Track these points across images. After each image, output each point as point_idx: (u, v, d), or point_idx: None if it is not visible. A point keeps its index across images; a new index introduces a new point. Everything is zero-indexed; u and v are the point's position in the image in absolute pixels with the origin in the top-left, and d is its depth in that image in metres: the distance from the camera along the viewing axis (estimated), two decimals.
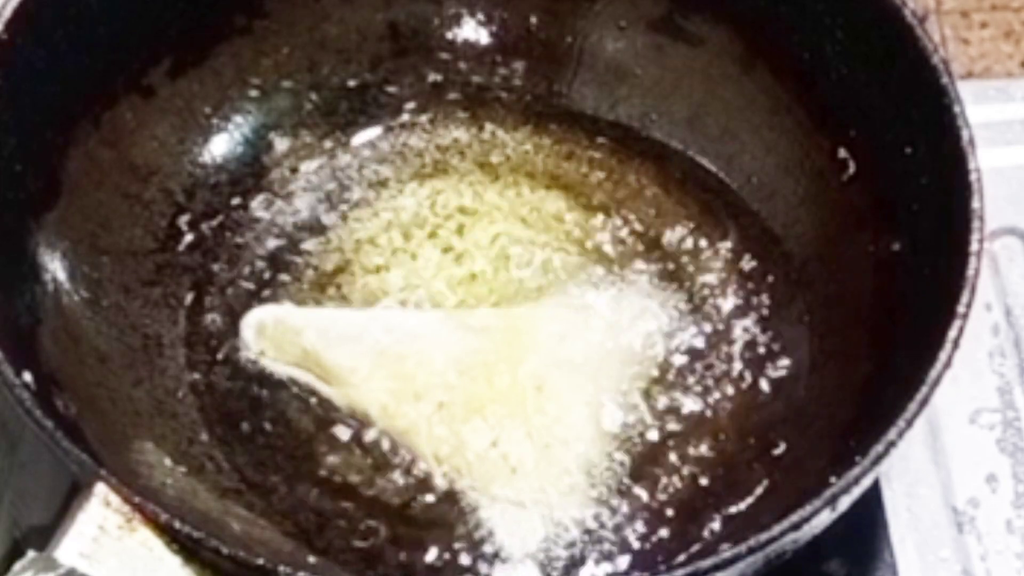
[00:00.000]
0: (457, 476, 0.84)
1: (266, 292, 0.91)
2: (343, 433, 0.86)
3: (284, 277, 0.91)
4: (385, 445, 0.85)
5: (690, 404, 0.87)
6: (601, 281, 0.91)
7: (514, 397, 0.86)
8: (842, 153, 0.91)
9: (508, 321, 0.88)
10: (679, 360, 0.89)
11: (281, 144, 0.96)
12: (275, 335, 0.88)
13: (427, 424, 0.85)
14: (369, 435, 0.86)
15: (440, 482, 0.84)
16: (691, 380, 0.88)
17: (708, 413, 0.87)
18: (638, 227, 0.93)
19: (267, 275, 0.91)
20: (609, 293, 0.91)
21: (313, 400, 0.87)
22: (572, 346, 0.88)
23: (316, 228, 0.93)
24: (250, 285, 0.91)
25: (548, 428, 0.85)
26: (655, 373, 0.88)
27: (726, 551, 0.73)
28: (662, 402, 0.88)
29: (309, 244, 0.93)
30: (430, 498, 0.84)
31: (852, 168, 0.90)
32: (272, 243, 0.93)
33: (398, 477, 0.84)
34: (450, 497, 0.84)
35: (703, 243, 0.93)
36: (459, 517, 0.83)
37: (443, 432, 0.85)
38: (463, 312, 0.89)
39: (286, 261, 0.92)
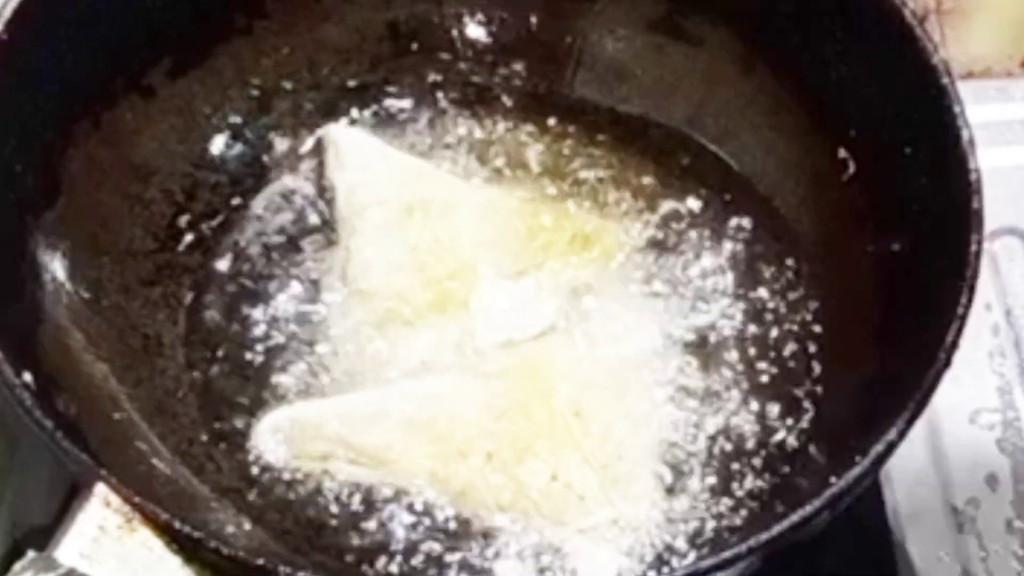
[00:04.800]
0: (526, 519, 0.83)
1: (265, 290, 0.91)
2: (404, 514, 0.83)
3: (283, 276, 0.91)
4: (449, 512, 0.83)
5: (705, 414, 0.87)
6: (601, 283, 0.91)
7: (557, 428, 0.84)
8: (842, 153, 0.91)
9: (521, 358, 0.87)
10: (685, 360, 0.89)
11: (281, 144, 0.96)
12: (293, 435, 0.85)
13: (481, 476, 0.83)
14: (431, 507, 0.83)
15: (510, 529, 0.83)
16: (698, 379, 0.88)
17: (719, 420, 0.87)
18: (637, 226, 0.93)
19: (267, 274, 0.91)
20: (608, 299, 0.91)
21: (355, 490, 0.84)
22: (590, 366, 0.87)
23: (316, 227, 0.93)
24: (250, 285, 0.91)
25: (600, 449, 0.84)
26: (668, 376, 0.88)
27: (726, 551, 0.73)
28: (681, 402, 0.88)
29: (309, 243, 0.93)
30: (507, 551, 0.82)
31: (852, 168, 0.90)
32: (272, 242, 0.93)
33: (471, 544, 0.83)
34: (523, 546, 0.82)
35: (702, 242, 0.93)
36: (541, 561, 0.82)
37: (500, 479, 0.83)
38: (475, 361, 0.87)
39: (286, 260, 0.92)
